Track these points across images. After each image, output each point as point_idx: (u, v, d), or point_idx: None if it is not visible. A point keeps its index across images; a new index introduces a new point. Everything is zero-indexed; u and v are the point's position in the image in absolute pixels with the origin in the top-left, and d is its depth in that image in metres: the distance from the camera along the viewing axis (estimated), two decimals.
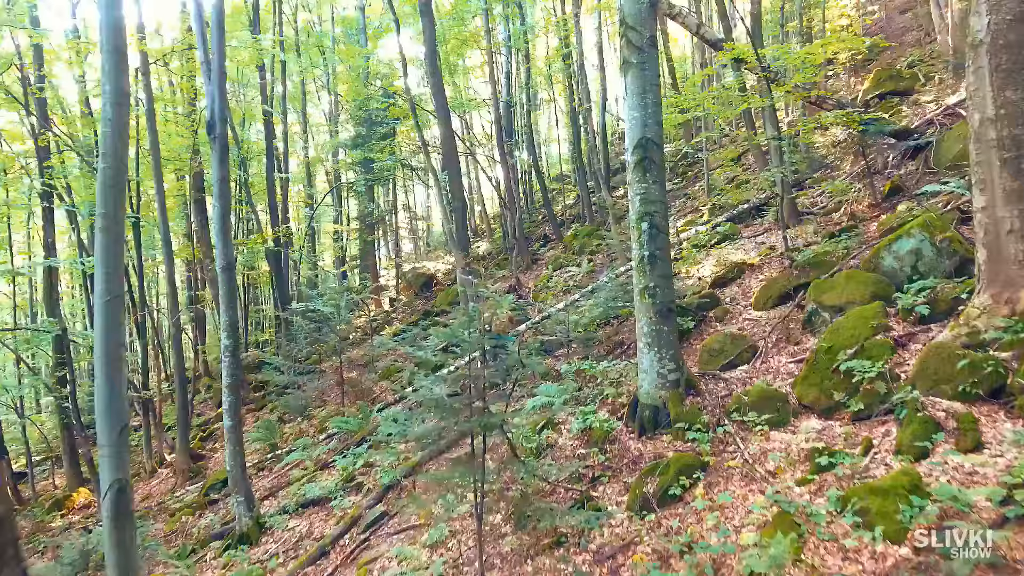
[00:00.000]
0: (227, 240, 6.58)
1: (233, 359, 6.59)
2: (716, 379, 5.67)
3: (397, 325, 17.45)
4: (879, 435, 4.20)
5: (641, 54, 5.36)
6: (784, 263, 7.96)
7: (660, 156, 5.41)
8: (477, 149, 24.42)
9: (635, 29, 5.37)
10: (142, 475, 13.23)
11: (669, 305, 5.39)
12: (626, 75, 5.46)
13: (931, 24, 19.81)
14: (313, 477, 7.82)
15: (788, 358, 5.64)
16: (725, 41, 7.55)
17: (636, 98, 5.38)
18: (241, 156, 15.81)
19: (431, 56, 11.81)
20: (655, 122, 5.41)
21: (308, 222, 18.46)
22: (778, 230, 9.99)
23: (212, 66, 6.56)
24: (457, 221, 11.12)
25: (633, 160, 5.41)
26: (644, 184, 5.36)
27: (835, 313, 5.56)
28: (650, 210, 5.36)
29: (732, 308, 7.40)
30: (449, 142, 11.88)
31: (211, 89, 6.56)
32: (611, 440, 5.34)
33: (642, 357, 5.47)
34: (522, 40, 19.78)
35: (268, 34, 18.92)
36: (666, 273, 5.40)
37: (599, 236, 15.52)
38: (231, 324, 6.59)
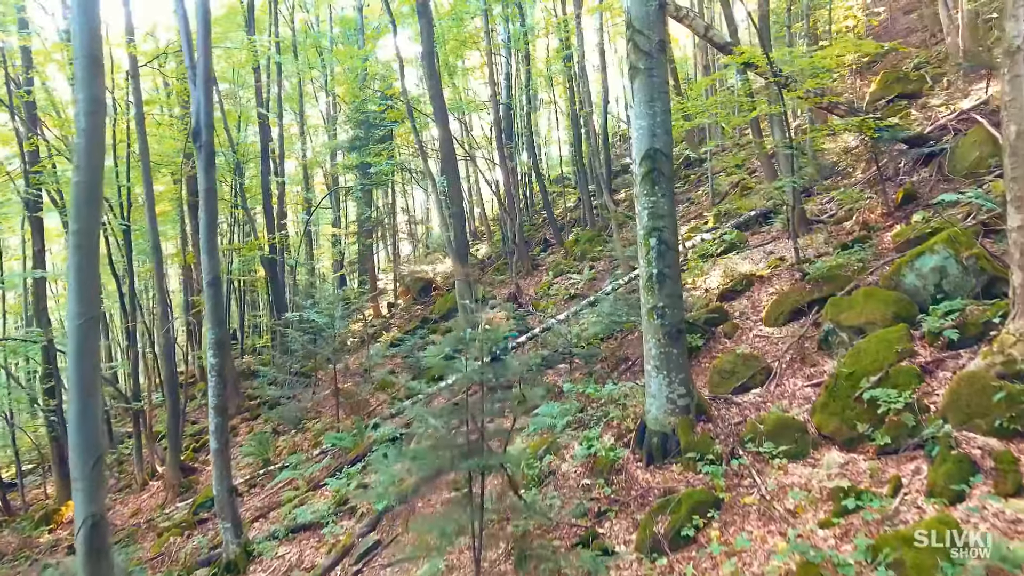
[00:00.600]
0: (213, 253, 6.27)
1: (219, 379, 6.29)
2: (728, 404, 5.36)
3: (395, 331, 17.15)
4: (908, 472, 3.89)
5: (649, 60, 5.05)
6: (795, 275, 7.66)
7: (669, 168, 5.11)
8: (476, 152, 24.12)
9: (642, 33, 5.07)
10: (133, 487, 12.93)
11: (679, 326, 5.08)
12: (633, 81, 5.15)
13: (937, 25, 19.50)
14: (305, 498, 7.51)
15: (804, 381, 5.33)
16: (734, 45, 7.24)
17: (644, 106, 5.07)
18: (236, 160, 15.50)
19: (429, 58, 11.50)
20: (664, 131, 5.10)
21: (305, 226, 18.13)
22: (786, 238, 9.70)
23: (198, 70, 6.25)
24: (455, 229, 10.82)
25: (641, 172, 5.10)
26: (652, 197, 5.05)
27: (854, 334, 5.25)
28: (659, 225, 5.05)
29: (742, 323, 7.10)
30: (447, 146, 11.57)
31: (197, 95, 6.25)
32: (617, 469, 5.03)
33: (650, 380, 5.17)
34: (522, 41, 19.47)
35: (264, 35, 18.62)
36: (676, 292, 5.09)
37: (601, 242, 15.22)
38: (218, 342, 6.28)
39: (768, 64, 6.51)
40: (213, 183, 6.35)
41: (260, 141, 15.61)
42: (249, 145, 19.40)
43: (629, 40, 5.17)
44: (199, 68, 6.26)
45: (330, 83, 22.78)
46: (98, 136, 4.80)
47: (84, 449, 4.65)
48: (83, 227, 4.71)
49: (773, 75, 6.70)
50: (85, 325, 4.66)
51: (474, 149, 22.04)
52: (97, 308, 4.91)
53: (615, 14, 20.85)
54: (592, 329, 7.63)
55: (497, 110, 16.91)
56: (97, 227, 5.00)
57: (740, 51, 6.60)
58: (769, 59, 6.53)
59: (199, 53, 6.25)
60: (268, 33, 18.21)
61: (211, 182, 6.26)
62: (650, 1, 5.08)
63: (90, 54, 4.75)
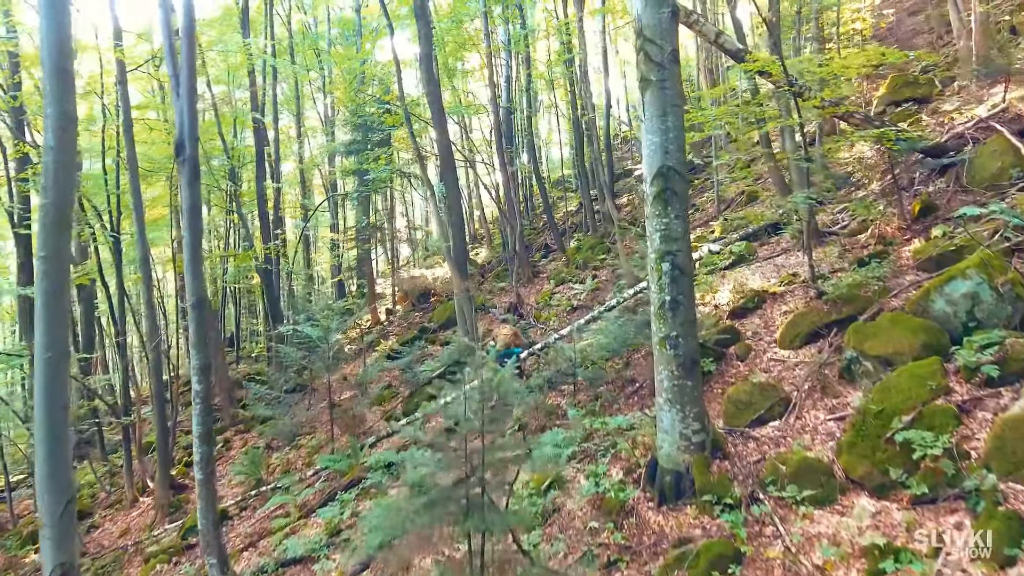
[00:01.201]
0: (198, 273, 5.92)
1: (204, 405, 5.94)
2: (745, 438, 5.02)
3: (393, 340, 16.81)
4: (948, 526, 3.55)
5: (661, 71, 4.71)
6: (809, 293, 7.32)
7: (683, 187, 4.76)
8: (476, 154, 23.77)
9: (654, 43, 4.73)
10: (123, 503, 12.59)
11: (693, 356, 4.74)
12: (644, 94, 4.81)
13: (944, 27, 19.15)
14: (296, 527, 7.17)
15: (826, 414, 4.99)
16: (746, 52, 6.91)
17: (656, 120, 4.73)
18: (231, 166, 15.15)
19: (427, 61, 11.15)
20: (677, 148, 4.76)
21: (301, 233, 17.78)
22: (797, 251, 9.36)
23: (181, 79, 5.90)
24: (455, 239, 10.47)
25: (652, 191, 4.76)
26: (665, 219, 4.71)
27: (880, 364, 4.91)
28: (672, 249, 4.71)
29: (755, 344, 6.76)
30: (446, 153, 11.22)
31: (180, 105, 5.91)
32: (627, 511, 4.69)
33: (661, 414, 4.83)
34: (523, 43, 19.13)
35: (259, 37, 18.27)
36: (690, 320, 4.75)
37: (603, 249, 14.89)
38: (202, 367, 5.94)
39: (784, 73, 6.17)
40: (198, 199, 6.00)
41: (255, 145, 15.24)
42: (245, 149, 19.06)
43: (640, 50, 4.83)
44: (182, 77, 5.91)
45: (328, 86, 22.44)
46: (69, 154, 4.46)
47: (53, 494, 4.31)
48: (52, 253, 4.36)
49: (788, 84, 6.36)
50: (54, 359, 4.31)
51: (473, 153, 21.69)
52: (66, 342, 4.57)
53: (617, 16, 20.53)
54: (598, 348, 7.28)
55: (497, 113, 16.55)
56: (67, 253, 4.66)
57: (753, 59, 6.27)
58: (784, 67, 6.19)
59: (183, 61, 5.91)
60: (264, 36, 17.87)
61: (195, 198, 5.91)
62: (662, 8, 4.74)
63: (59, 66, 4.41)
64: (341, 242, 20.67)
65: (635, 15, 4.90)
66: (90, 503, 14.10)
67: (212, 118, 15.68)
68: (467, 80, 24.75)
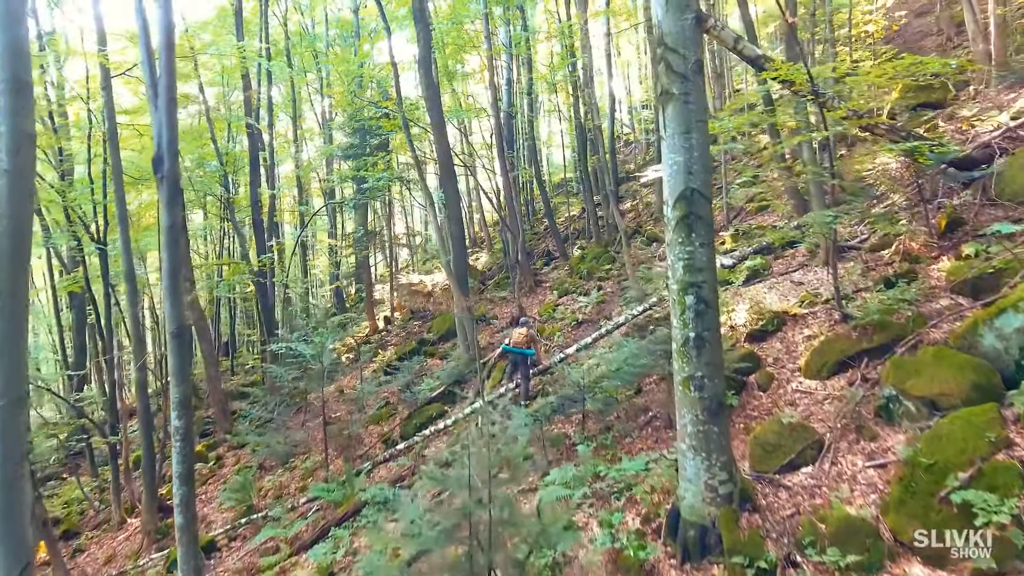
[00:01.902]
0: (177, 301, 5.46)
1: (185, 443, 5.48)
2: (776, 486, 4.57)
3: (391, 351, 16.35)
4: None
5: (684, 83, 4.26)
6: (833, 315, 6.88)
7: (709, 211, 4.32)
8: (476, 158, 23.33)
9: (676, 52, 4.28)
10: (111, 523, 12.13)
11: (720, 399, 4.30)
12: (665, 108, 4.36)
13: (954, 29, 18.72)
14: (286, 566, 6.71)
15: (865, 460, 4.54)
16: (767, 59, 6.46)
17: (678, 138, 4.28)
18: (223, 172, 14.69)
19: (426, 66, 10.71)
20: (702, 168, 4.32)
21: (297, 240, 17.32)
22: (815, 266, 8.92)
23: (160, 88, 5.45)
24: (455, 251, 10.02)
25: (675, 216, 4.31)
26: (688, 247, 4.26)
27: (923, 406, 4.47)
28: (696, 280, 4.26)
29: (777, 372, 6.31)
30: (446, 161, 10.77)
31: (158, 117, 5.45)
32: (647, 570, 4.25)
33: (684, 461, 4.38)
34: (524, 46, 18.69)
35: (254, 40, 17.82)
36: (716, 360, 4.31)
37: (608, 259, 14.45)
38: (182, 401, 5.47)
39: (809, 81, 5.73)
40: (178, 219, 5.54)
41: (249, 151, 14.78)
42: (240, 153, 18.59)
43: (660, 60, 4.38)
44: (161, 86, 5.45)
45: (325, 88, 22.00)
46: (26, 178, 3.98)
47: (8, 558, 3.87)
48: (7, 288, 3.90)
49: (814, 94, 5.91)
50: (10, 406, 3.84)
51: (474, 158, 21.25)
52: (24, 386, 4.09)
53: (620, 19, 20.08)
54: (610, 382, 6.81)
55: (498, 117, 16.09)
56: (25, 287, 4.18)
57: (776, 66, 5.83)
58: (811, 76, 5.74)
59: (161, 68, 5.45)
60: (259, 38, 17.41)
61: (175, 218, 5.46)
62: (685, 14, 4.30)
63: (15, 76, 3.95)
64: (339, 248, 20.22)
65: (655, 21, 4.45)
66: (78, 521, 13.65)
67: (205, 122, 15.26)
68: (466, 82, 24.32)
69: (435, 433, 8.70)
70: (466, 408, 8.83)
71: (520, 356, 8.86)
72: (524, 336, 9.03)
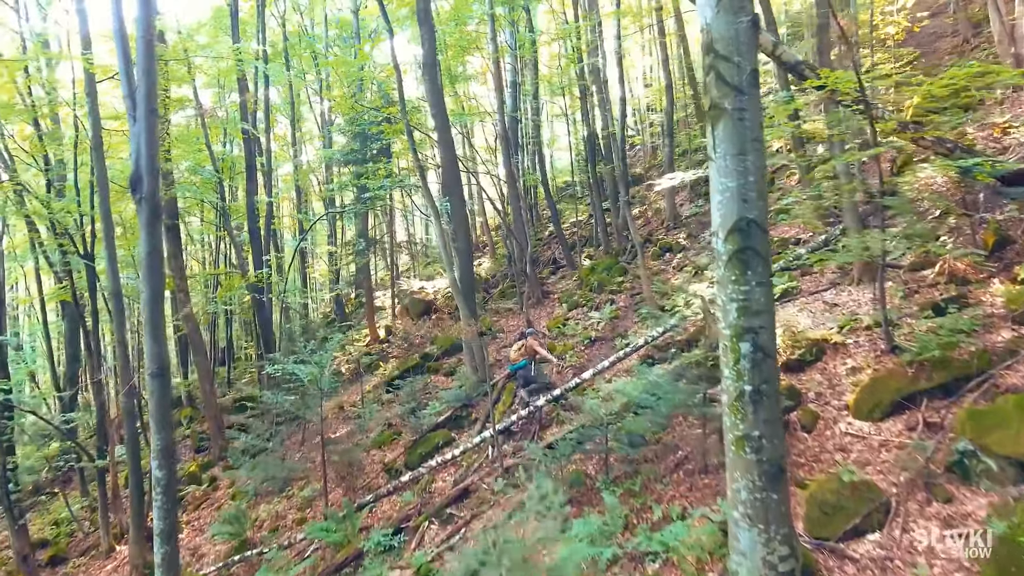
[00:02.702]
0: (158, 336, 4.88)
1: (167, 497, 4.90)
2: (840, 557, 4.00)
3: (393, 363, 15.77)
4: None
5: (739, 97, 3.68)
6: (878, 345, 6.31)
7: (766, 245, 3.74)
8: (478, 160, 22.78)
9: (728, 60, 3.70)
10: (100, 549, 11.55)
11: (780, 463, 3.72)
12: (715, 125, 3.78)
13: (971, 30, 18.15)
14: None
15: (941, 527, 3.97)
16: (810, 66, 5.91)
17: (731, 160, 3.70)
18: (218, 179, 14.11)
19: (431, 70, 10.13)
20: (759, 195, 3.74)
21: (295, 249, 16.73)
22: (849, 285, 8.35)
23: (138, 99, 4.87)
24: (461, 267, 9.45)
25: (727, 251, 3.73)
26: (744, 287, 3.68)
27: (1012, 467, 3.89)
28: (753, 325, 3.68)
29: (821, 410, 5.73)
30: (451, 172, 10.20)
31: (136, 131, 4.88)
32: None
33: (738, 531, 3.80)
34: (529, 48, 18.12)
35: (251, 42, 17.26)
36: (775, 417, 3.72)
37: (619, 271, 13.87)
38: (164, 449, 4.89)
39: (860, 92, 5.15)
40: (159, 243, 4.96)
41: (245, 158, 14.21)
42: (236, 158, 18.02)
43: (709, 69, 3.80)
44: (139, 94, 4.87)
45: (324, 92, 21.43)
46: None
47: None
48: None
49: (864, 105, 5.34)
50: None
51: (477, 164, 20.69)
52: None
53: (628, 19, 19.51)
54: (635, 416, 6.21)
55: (504, 122, 15.52)
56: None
57: (825, 75, 5.24)
58: (861, 85, 5.16)
59: (139, 75, 4.88)
60: (256, 40, 16.83)
61: (156, 242, 4.87)
62: (739, 17, 3.72)
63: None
64: (339, 257, 19.65)
65: (703, 24, 3.88)
66: (66, 545, 13.08)
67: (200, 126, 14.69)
68: (469, 84, 23.75)
69: (441, 464, 8.12)
70: (475, 437, 8.24)
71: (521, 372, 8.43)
72: (520, 350, 8.57)
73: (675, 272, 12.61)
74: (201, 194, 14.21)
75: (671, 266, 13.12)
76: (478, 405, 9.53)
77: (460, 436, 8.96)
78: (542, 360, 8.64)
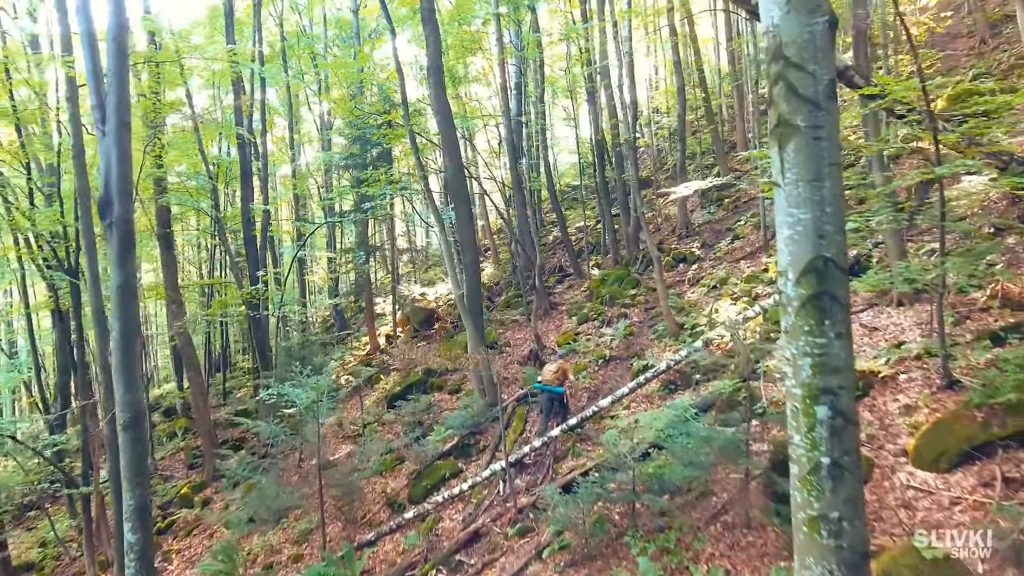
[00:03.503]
0: (131, 381, 4.28)
1: (141, 562, 4.31)
2: None
3: (394, 377, 15.17)
4: None
5: (814, 112, 3.07)
6: (933, 379, 5.72)
7: (846, 288, 3.13)
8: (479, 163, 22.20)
9: (803, 69, 3.10)
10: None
11: (863, 549, 3.10)
12: (784, 145, 3.17)
13: (989, 30, 17.58)
14: None
15: None
16: (862, 72, 5.32)
17: (804, 188, 3.09)
18: (212, 185, 13.51)
19: (436, 74, 9.54)
20: (837, 228, 3.12)
21: (293, 258, 16.11)
22: (888, 307, 7.75)
23: (107, 110, 4.29)
24: (469, 285, 8.85)
25: (800, 296, 3.12)
26: (821, 339, 3.07)
27: None
28: (831, 385, 3.08)
29: (876, 456, 5.14)
30: (458, 179, 9.60)
31: (105, 147, 4.29)
32: None
33: None
34: (535, 48, 17.53)
35: (247, 43, 16.66)
36: (857, 495, 3.11)
37: (631, 282, 13.27)
38: (138, 510, 4.30)
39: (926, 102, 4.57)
40: (131, 274, 4.36)
41: (240, 164, 13.61)
42: (233, 162, 17.41)
43: (777, 79, 3.19)
44: (109, 105, 4.29)
45: (323, 93, 20.83)
46: None
47: None
48: None
49: (928, 117, 4.75)
50: None
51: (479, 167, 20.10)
52: None
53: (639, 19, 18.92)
54: (671, 469, 5.59)
55: (509, 126, 14.94)
56: None
57: (884, 82, 4.66)
58: (926, 94, 4.57)
59: (110, 83, 4.29)
60: (252, 40, 16.22)
61: (126, 275, 4.28)
62: (815, 17, 3.10)
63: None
64: (338, 264, 19.05)
65: (767, 27, 3.26)
66: (52, 569, 12.51)
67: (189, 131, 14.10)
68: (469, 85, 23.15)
69: (448, 500, 7.52)
70: (484, 471, 7.64)
71: (549, 396, 8.03)
72: (556, 372, 8.08)
73: (691, 286, 12.02)
74: (195, 201, 13.60)
75: (686, 278, 12.53)
76: (487, 431, 8.93)
77: (468, 467, 8.36)
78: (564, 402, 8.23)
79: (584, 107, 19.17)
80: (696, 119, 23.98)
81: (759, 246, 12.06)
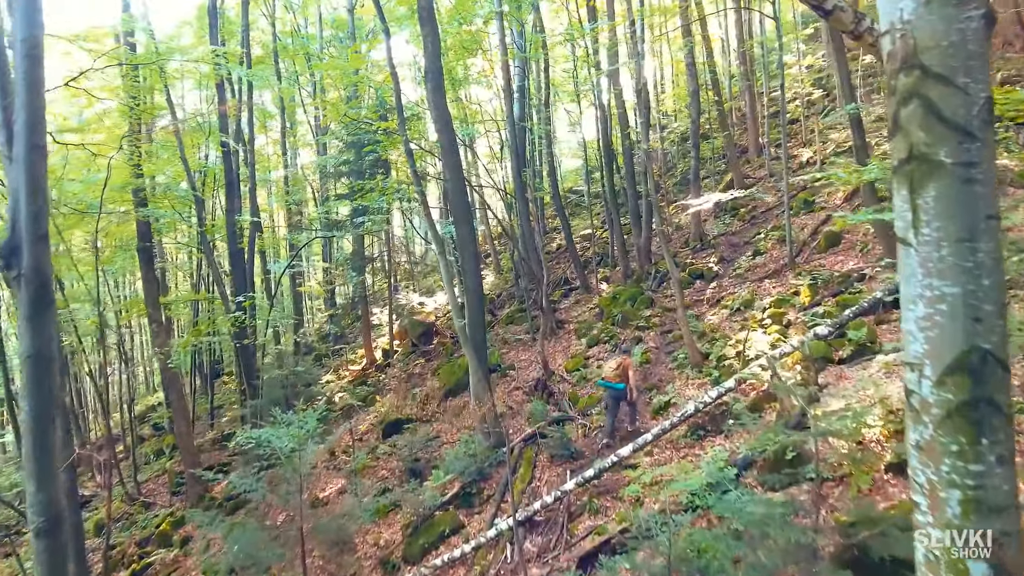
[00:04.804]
0: (46, 476, 3.38)
1: None
2: None
3: (390, 399, 14.28)
4: None
5: (965, 144, 2.16)
6: None
7: (1007, 392, 2.24)
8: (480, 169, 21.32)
9: (948, 82, 2.19)
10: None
11: None
12: (919, 190, 2.25)
13: (1015, 31, 16.73)
14: None
15: None
16: None
17: (951, 249, 2.18)
18: (195, 195, 12.63)
19: (436, 77, 8.65)
20: (996, 306, 2.22)
21: (282, 272, 15.22)
22: None
23: (15, 130, 3.40)
24: (471, 312, 7.97)
25: (943, 402, 2.21)
26: (976, 465, 2.17)
27: None
28: (992, 530, 2.18)
29: None
30: (459, 194, 8.71)
31: (14, 175, 3.40)
32: None
33: None
34: (540, 49, 16.66)
35: (236, 43, 15.79)
36: None
37: (645, 301, 12.37)
38: None
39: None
40: (47, 347, 3.46)
41: (225, 174, 12.74)
42: (218, 168, 16.52)
43: (908, 97, 2.28)
44: (19, 123, 3.39)
45: (318, 96, 19.97)
46: None
47: None
48: None
49: None
50: None
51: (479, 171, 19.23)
52: None
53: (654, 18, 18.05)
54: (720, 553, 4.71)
55: (513, 131, 14.06)
56: None
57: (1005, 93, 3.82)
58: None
59: (19, 101, 3.39)
60: (241, 41, 15.33)
61: (42, 344, 3.38)
62: (964, 11, 2.19)
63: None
64: (333, 276, 18.17)
65: (890, 25, 2.35)
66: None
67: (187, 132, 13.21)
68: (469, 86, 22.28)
69: (448, 563, 6.62)
70: (489, 530, 6.75)
71: (613, 392, 7.73)
72: (617, 368, 7.69)
73: (710, 307, 11.12)
74: (175, 213, 12.72)
75: (704, 298, 11.64)
76: (491, 477, 8.04)
77: (470, 520, 7.47)
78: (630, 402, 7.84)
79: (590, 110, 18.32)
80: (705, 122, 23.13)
81: (784, 263, 11.17)
